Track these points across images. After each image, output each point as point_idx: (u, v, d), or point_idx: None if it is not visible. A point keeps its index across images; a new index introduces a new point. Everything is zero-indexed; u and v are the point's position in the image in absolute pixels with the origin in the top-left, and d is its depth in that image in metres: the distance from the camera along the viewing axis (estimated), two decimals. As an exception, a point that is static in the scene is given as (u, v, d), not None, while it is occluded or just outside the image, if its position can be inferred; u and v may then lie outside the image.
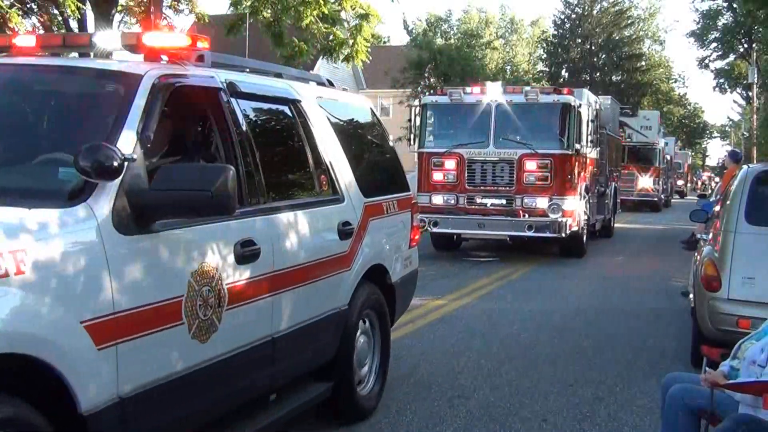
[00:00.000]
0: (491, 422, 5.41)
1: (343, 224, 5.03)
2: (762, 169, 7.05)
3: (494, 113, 13.90)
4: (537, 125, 14.11)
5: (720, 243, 6.52)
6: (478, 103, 14.14)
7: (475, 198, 13.95)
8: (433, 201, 14.14)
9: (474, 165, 13.94)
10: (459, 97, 14.35)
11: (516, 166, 13.66)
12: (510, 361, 7.07)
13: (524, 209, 13.58)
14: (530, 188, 13.68)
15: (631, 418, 5.58)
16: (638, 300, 10.60)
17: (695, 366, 6.40)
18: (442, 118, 14.97)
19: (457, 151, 14.03)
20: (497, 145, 13.81)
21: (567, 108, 13.92)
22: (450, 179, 14.08)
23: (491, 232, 14.05)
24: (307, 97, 5.14)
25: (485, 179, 13.90)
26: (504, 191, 13.78)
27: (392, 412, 5.53)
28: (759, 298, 6.00)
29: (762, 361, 3.88)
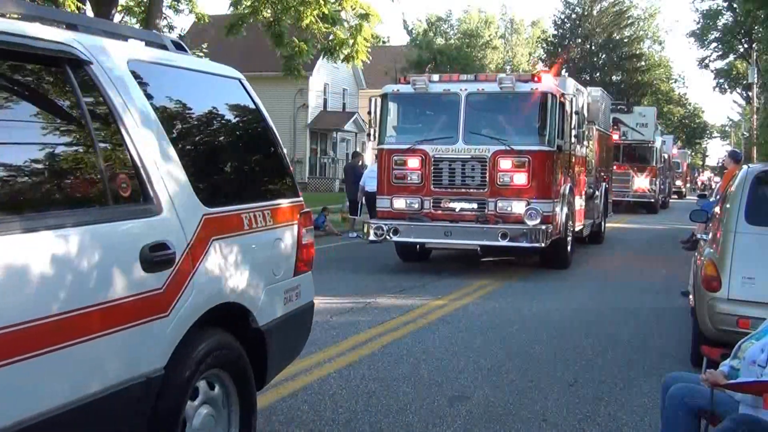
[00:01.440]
0: (491, 422, 5.41)
1: (153, 248, 3.38)
2: (762, 169, 7.05)
3: (464, 104, 12.18)
4: (513, 118, 12.59)
5: (720, 243, 6.52)
6: (445, 93, 12.51)
7: (442, 202, 12.23)
8: (394, 205, 12.44)
9: (441, 164, 12.19)
10: (424, 86, 12.58)
11: (489, 165, 11.94)
12: (510, 361, 7.07)
13: (498, 215, 11.93)
14: (505, 190, 11.97)
15: (631, 418, 5.58)
16: (638, 300, 10.60)
17: (695, 366, 6.41)
18: (404, 110, 13.32)
19: (422, 148, 12.28)
20: (467, 140, 12.07)
21: (547, 98, 12.20)
22: (413, 180, 12.34)
23: (459, 241, 12.08)
24: (109, 59, 3.53)
25: (454, 180, 12.16)
26: (475, 194, 12.08)
27: (392, 412, 5.54)
28: (759, 298, 6.00)
29: (762, 361, 3.88)
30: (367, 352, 7.27)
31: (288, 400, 5.75)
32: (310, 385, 6.16)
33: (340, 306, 9.51)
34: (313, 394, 5.92)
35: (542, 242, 11.73)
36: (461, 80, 12.79)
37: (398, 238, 12.23)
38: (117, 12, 25.57)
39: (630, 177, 29.72)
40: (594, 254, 15.40)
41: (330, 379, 6.31)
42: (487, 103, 12.57)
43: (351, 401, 5.76)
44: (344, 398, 5.83)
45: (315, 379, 6.33)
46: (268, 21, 21.73)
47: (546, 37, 62.77)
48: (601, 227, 17.99)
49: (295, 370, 6.53)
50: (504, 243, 11.74)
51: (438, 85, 12.68)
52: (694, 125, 77.14)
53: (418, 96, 12.76)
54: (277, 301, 4.44)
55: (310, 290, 4.96)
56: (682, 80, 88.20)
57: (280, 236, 4.54)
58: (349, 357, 7.05)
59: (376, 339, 7.80)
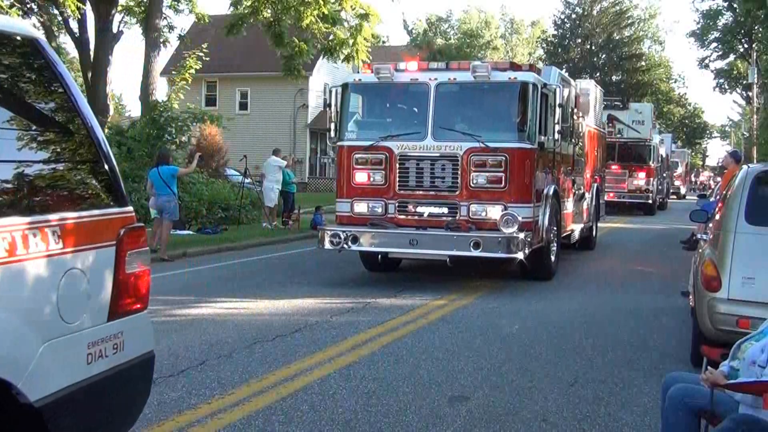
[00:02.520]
0: (491, 422, 5.41)
1: None
2: (762, 169, 7.05)
3: (433, 96, 10.81)
4: (489, 111, 11.33)
5: (720, 243, 6.52)
6: (413, 83, 11.15)
7: (408, 206, 10.84)
8: (355, 209, 11.06)
9: (407, 163, 10.83)
10: (388, 76, 11.13)
11: (461, 165, 10.58)
12: (510, 361, 7.07)
13: (471, 220, 10.59)
14: (479, 193, 10.61)
15: (631, 418, 5.58)
16: (638, 300, 10.60)
17: (695, 366, 6.41)
18: (367, 103, 12.00)
19: (386, 145, 10.88)
20: (437, 137, 10.72)
21: (527, 89, 10.80)
22: (377, 181, 10.95)
23: (425, 251, 10.64)
24: None
25: (422, 181, 10.80)
26: (445, 197, 10.72)
27: (392, 412, 5.54)
28: (759, 298, 6.00)
29: (762, 361, 3.88)
30: (367, 352, 7.26)
31: (288, 400, 5.75)
32: (310, 385, 6.16)
33: (340, 306, 9.51)
34: (313, 394, 5.92)
35: (520, 252, 10.35)
36: (431, 69, 11.43)
37: (357, 247, 10.79)
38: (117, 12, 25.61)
39: (625, 177, 28.56)
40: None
41: (330, 379, 6.31)
42: (460, 95, 11.23)
43: (351, 401, 5.76)
44: (344, 398, 5.83)
45: (315, 379, 6.33)
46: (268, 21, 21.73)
47: (546, 37, 62.84)
48: (592, 232, 16.70)
49: (295, 370, 6.54)
50: (476, 253, 10.27)
51: (405, 74, 11.24)
52: (694, 125, 77.17)
53: (383, 86, 11.39)
54: (69, 362, 3.17)
55: (145, 338, 3.67)
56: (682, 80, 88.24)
57: (79, 264, 3.27)
58: (349, 357, 7.05)
59: (376, 339, 7.80)
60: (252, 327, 8.22)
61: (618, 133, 26.77)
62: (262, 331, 8.00)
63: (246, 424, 5.24)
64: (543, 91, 11.10)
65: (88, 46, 25.86)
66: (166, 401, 5.66)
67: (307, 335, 7.86)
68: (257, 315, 8.98)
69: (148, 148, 19.51)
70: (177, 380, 6.20)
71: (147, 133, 20.05)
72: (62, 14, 25.85)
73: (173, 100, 21.61)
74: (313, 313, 9.15)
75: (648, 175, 29.02)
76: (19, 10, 24.10)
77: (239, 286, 11.06)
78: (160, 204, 13.98)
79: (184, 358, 6.89)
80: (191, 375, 6.37)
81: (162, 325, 8.30)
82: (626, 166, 28.43)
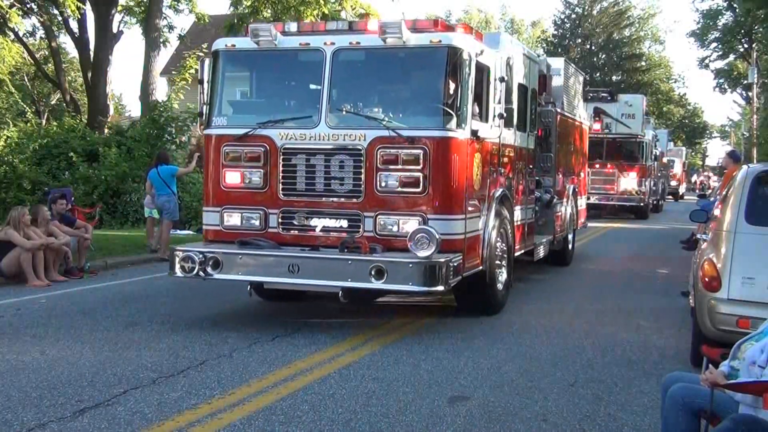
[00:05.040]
0: (491, 422, 5.41)
1: None
2: (762, 169, 7.06)
3: (329, 66, 8.09)
4: (404, 87, 8.72)
5: (720, 243, 6.53)
6: (303, 50, 8.37)
7: (295, 217, 8.15)
8: (225, 222, 8.40)
9: (294, 158, 8.12)
10: (270, 40, 8.30)
11: (365, 161, 7.90)
12: (510, 361, 7.07)
13: (379, 238, 7.86)
14: (390, 200, 7.92)
15: (631, 418, 5.58)
16: (638, 300, 10.59)
17: (695, 366, 6.41)
18: (243, 77, 9.31)
19: (266, 134, 8.19)
20: (334, 122, 8.06)
21: (457, 56, 7.98)
22: (253, 183, 8.28)
23: (308, 281, 7.75)
24: None
25: (313, 183, 8.09)
26: (344, 205, 8.03)
27: (392, 412, 5.54)
28: (759, 298, 6.01)
29: (762, 361, 3.89)
30: (367, 352, 7.26)
31: (288, 400, 5.75)
32: (310, 385, 6.16)
33: (340, 306, 9.50)
34: (313, 394, 5.92)
35: (441, 284, 7.51)
36: (328, 30, 8.57)
37: (220, 274, 7.97)
38: (117, 12, 25.63)
39: (615, 177, 25.97)
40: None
41: (330, 379, 6.31)
42: (366, 65, 8.49)
43: (351, 401, 5.76)
44: (344, 398, 5.83)
45: (315, 379, 6.33)
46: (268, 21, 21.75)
47: (546, 37, 62.83)
48: (567, 243, 13.85)
49: (295, 370, 6.54)
50: (379, 285, 7.48)
51: (292, 38, 8.46)
52: (694, 125, 77.18)
53: (263, 54, 8.54)
54: None
55: None
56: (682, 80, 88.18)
57: None
58: (349, 357, 7.05)
59: (376, 339, 7.79)
60: (252, 327, 8.22)
61: (606, 128, 24.48)
62: (263, 331, 8.00)
63: (246, 424, 5.25)
64: (480, 60, 8.34)
65: (88, 46, 25.88)
66: (166, 401, 5.67)
67: (307, 335, 7.86)
68: (258, 315, 8.98)
69: (148, 148, 19.52)
70: (177, 380, 6.20)
71: (147, 133, 20.07)
72: (62, 14, 25.88)
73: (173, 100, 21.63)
74: (313, 312, 9.15)
75: (640, 175, 26.36)
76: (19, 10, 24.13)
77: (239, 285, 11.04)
78: (159, 204, 13.99)
79: (184, 358, 6.89)
80: (191, 375, 6.37)
81: (162, 324, 8.30)
82: (615, 165, 25.96)
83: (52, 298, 9.89)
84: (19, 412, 5.39)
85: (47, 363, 6.69)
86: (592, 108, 23.04)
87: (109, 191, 18.86)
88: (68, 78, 35.67)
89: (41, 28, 29.70)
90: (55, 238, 11.29)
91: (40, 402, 5.61)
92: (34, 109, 38.70)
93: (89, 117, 24.62)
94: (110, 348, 7.25)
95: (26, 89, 38.68)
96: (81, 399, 5.67)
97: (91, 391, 5.85)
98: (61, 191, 13.79)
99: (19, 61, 31.73)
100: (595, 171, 24.77)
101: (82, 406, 5.51)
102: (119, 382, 6.12)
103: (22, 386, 5.99)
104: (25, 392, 5.84)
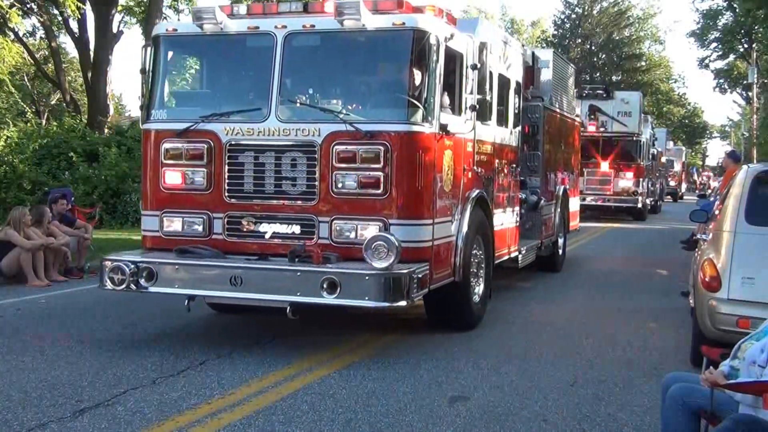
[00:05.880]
0: (491, 422, 5.41)
1: None
2: (762, 169, 7.07)
3: (281, 52, 7.30)
4: (363, 76, 7.84)
5: (720, 243, 6.53)
6: (251, 33, 7.60)
7: (243, 222, 7.33)
8: (165, 227, 7.59)
9: (241, 156, 7.33)
10: (215, 23, 7.57)
11: (320, 159, 7.08)
12: (510, 361, 7.07)
13: (336, 245, 7.05)
14: (347, 203, 7.09)
15: (631, 418, 5.58)
16: (638, 300, 10.59)
17: (695, 366, 6.41)
18: (186, 65, 8.77)
19: (209, 129, 7.39)
20: (285, 115, 7.26)
21: (424, 40, 7.18)
22: (196, 184, 7.47)
23: (252, 294, 6.93)
24: None
25: (262, 184, 7.28)
26: (298, 209, 7.20)
27: (392, 412, 5.54)
28: (759, 298, 6.01)
29: (762, 361, 3.89)
30: (366, 351, 7.27)
31: (288, 400, 5.75)
32: (310, 385, 6.16)
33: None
34: (313, 394, 5.92)
35: (403, 298, 6.68)
36: (281, 12, 7.78)
37: (155, 286, 7.14)
38: (117, 12, 25.63)
39: (611, 177, 25.06)
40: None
41: (330, 379, 6.31)
42: (321, 51, 7.64)
43: (351, 401, 5.76)
44: (344, 398, 5.83)
45: (315, 379, 6.33)
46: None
47: (546, 37, 62.81)
48: (556, 248, 13.05)
49: (295, 370, 6.54)
50: (331, 300, 6.61)
51: (241, 21, 7.72)
52: (694, 125, 77.21)
53: (208, 40, 7.82)
54: None
55: None
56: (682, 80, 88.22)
57: None
58: (349, 357, 7.05)
59: (376, 339, 7.80)
60: (252, 327, 8.21)
61: (601, 126, 24.03)
62: (263, 331, 8.00)
63: (246, 424, 5.25)
64: (450, 45, 7.54)
65: (88, 46, 25.89)
66: (166, 401, 5.67)
67: (307, 335, 7.86)
68: (258, 315, 8.97)
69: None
70: (177, 380, 6.20)
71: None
72: (62, 14, 25.90)
73: (173, 100, 21.58)
74: (313, 313, 9.15)
75: (637, 175, 25.43)
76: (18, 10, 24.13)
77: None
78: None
79: (184, 358, 6.89)
80: (191, 375, 6.37)
81: (162, 324, 8.30)
82: (611, 165, 25.11)
83: (52, 298, 9.90)
84: (19, 412, 5.39)
85: (47, 363, 6.69)
86: (587, 105, 22.66)
87: (109, 191, 18.86)
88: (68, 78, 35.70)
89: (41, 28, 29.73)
90: (55, 239, 11.30)
91: (40, 402, 5.61)
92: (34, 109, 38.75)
93: (89, 117, 24.64)
94: (110, 348, 7.25)
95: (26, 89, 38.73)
96: (81, 399, 5.68)
97: (91, 391, 5.86)
98: (61, 191, 13.78)
99: (19, 61, 31.73)
100: (590, 171, 24.35)
101: (82, 406, 5.51)
102: (119, 382, 6.12)
103: (22, 386, 5.99)
104: (25, 392, 5.84)
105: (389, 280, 6.60)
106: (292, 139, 7.19)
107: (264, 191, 7.29)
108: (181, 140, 7.50)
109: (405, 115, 7.13)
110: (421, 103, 7.16)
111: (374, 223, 7.01)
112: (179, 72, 8.48)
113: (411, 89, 7.19)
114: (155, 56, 7.88)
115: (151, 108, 7.85)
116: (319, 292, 6.61)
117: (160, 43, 7.88)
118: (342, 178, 7.08)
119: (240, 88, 8.09)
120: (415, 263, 6.94)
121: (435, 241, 7.33)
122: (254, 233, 7.32)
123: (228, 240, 7.39)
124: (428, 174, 7.23)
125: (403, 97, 7.22)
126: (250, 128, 7.29)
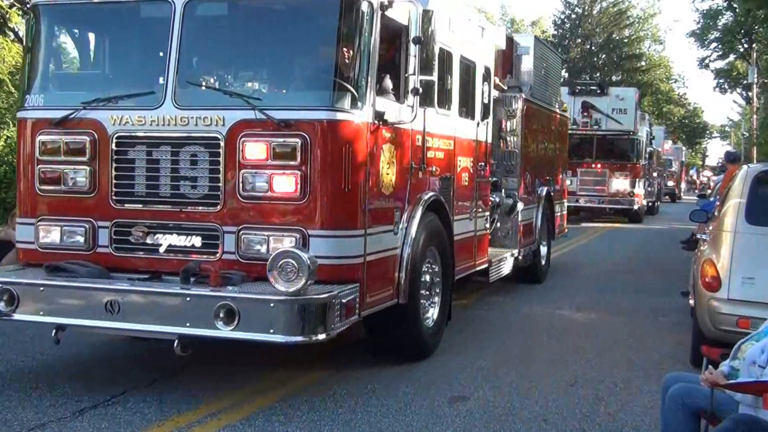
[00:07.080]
0: (491, 422, 5.41)
1: None
2: (762, 169, 7.07)
3: (179, 24, 5.94)
4: (280, 52, 6.26)
5: (720, 243, 6.53)
6: (146, 2, 6.31)
7: (134, 231, 5.97)
8: (41, 237, 6.21)
9: (131, 150, 5.99)
10: None
11: (224, 154, 5.78)
12: (510, 361, 7.07)
13: (242, 261, 5.75)
14: (257, 209, 5.77)
15: (631, 418, 5.58)
16: (638, 300, 10.59)
17: (695, 366, 6.41)
18: (67, 41, 7.23)
19: (93, 117, 6.06)
20: (184, 101, 5.91)
21: (353, 9, 5.86)
22: (77, 185, 6.11)
23: (132, 325, 5.59)
24: None
25: (156, 185, 5.94)
26: (198, 216, 5.88)
27: (392, 412, 5.54)
28: (759, 298, 6.01)
29: (762, 361, 3.89)
30: (366, 351, 7.26)
31: (288, 400, 5.75)
32: (310, 385, 6.16)
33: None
34: (313, 394, 5.92)
35: (322, 330, 5.33)
36: None
37: (18, 312, 5.72)
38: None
39: (605, 177, 23.97)
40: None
41: (330, 379, 6.31)
42: (229, 22, 6.36)
43: (351, 401, 5.76)
44: (344, 398, 5.83)
45: (315, 379, 6.33)
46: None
47: (546, 37, 62.77)
48: (539, 258, 11.58)
49: (295, 370, 6.54)
50: (226, 332, 5.31)
51: None
52: (694, 125, 77.17)
53: (95, 9, 6.58)
54: None
55: None
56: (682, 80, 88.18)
57: None
58: (349, 357, 7.04)
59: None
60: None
61: (595, 124, 23.06)
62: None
63: (246, 424, 5.25)
64: (389, 15, 6.18)
65: (88, 46, 25.84)
66: (166, 401, 5.67)
67: (307, 335, 7.85)
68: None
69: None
70: (177, 380, 6.20)
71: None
72: (62, 14, 25.83)
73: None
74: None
75: (633, 175, 24.26)
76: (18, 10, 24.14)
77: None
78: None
79: (184, 357, 6.87)
80: (192, 375, 6.37)
81: (162, 325, 8.30)
82: (606, 165, 24.00)
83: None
84: (19, 412, 5.39)
85: (47, 363, 6.69)
86: (580, 102, 21.84)
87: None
88: (68, 78, 35.65)
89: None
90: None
91: (40, 402, 5.61)
92: (34, 109, 38.68)
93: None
94: (110, 348, 7.25)
95: (26, 89, 38.68)
96: (81, 399, 5.67)
97: (91, 391, 5.85)
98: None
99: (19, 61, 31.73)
100: (584, 171, 23.68)
101: (82, 406, 5.51)
102: (119, 382, 6.12)
103: (22, 386, 5.99)
104: (25, 392, 5.84)
105: (301, 307, 5.21)
106: (192, 129, 5.84)
107: (158, 194, 5.92)
108: (59, 131, 6.12)
109: (329, 99, 5.75)
110: (350, 84, 5.81)
111: (289, 234, 5.65)
112: (63, 50, 7.20)
113: (337, 68, 5.81)
114: (35, 30, 6.54)
115: (27, 93, 6.49)
116: (213, 323, 5.27)
117: (39, 14, 6.50)
118: (251, 179, 5.72)
119: (131, 67, 6.65)
120: (340, 284, 5.57)
121: (369, 255, 5.93)
122: (147, 246, 5.94)
123: (115, 254, 6.01)
124: (358, 173, 5.86)
125: (327, 77, 5.83)
126: (141, 117, 5.92)
